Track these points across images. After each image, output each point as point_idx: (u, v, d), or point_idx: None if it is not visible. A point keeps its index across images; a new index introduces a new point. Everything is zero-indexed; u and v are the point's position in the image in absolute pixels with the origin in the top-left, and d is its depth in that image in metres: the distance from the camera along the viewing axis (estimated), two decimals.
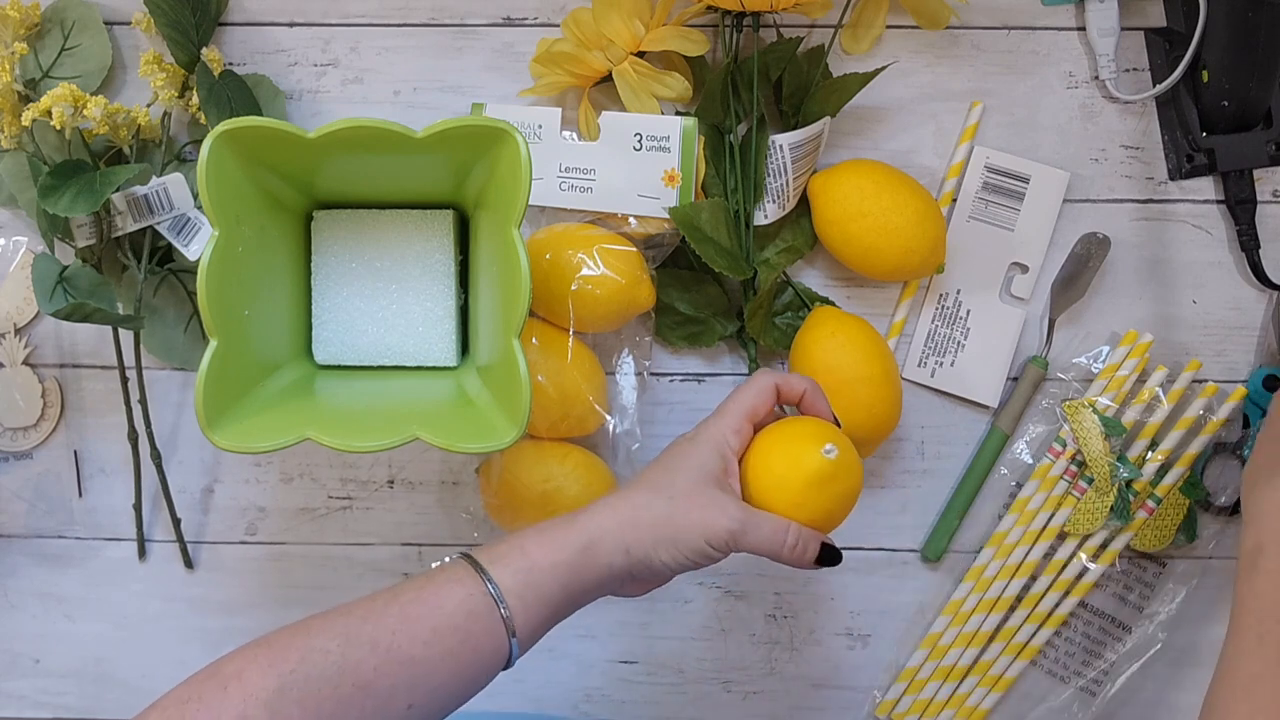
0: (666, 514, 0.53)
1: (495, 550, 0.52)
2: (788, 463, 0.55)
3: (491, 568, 0.51)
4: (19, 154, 0.70)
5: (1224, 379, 0.73)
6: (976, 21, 0.74)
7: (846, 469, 0.54)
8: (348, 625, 0.48)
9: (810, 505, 0.54)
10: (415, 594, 0.50)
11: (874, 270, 0.70)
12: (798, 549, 0.54)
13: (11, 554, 0.75)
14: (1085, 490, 0.71)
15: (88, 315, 0.63)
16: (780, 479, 0.55)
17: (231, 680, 0.46)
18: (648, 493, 0.54)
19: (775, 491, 0.55)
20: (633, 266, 0.69)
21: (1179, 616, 0.73)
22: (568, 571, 0.52)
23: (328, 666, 0.47)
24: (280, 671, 0.46)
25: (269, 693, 0.45)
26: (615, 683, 0.74)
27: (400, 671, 0.48)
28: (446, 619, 0.49)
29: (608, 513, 0.53)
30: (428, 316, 0.69)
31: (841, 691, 0.74)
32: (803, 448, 0.54)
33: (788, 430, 0.56)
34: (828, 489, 0.54)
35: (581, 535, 0.52)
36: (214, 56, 0.70)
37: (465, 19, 0.74)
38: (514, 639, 0.50)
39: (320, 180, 0.66)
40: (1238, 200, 0.72)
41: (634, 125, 0.70)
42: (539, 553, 0.52)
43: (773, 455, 0.56)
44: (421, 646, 0.48)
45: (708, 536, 0.53)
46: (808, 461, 0.54)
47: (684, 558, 0.53)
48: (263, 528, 0.74)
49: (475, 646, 0.50)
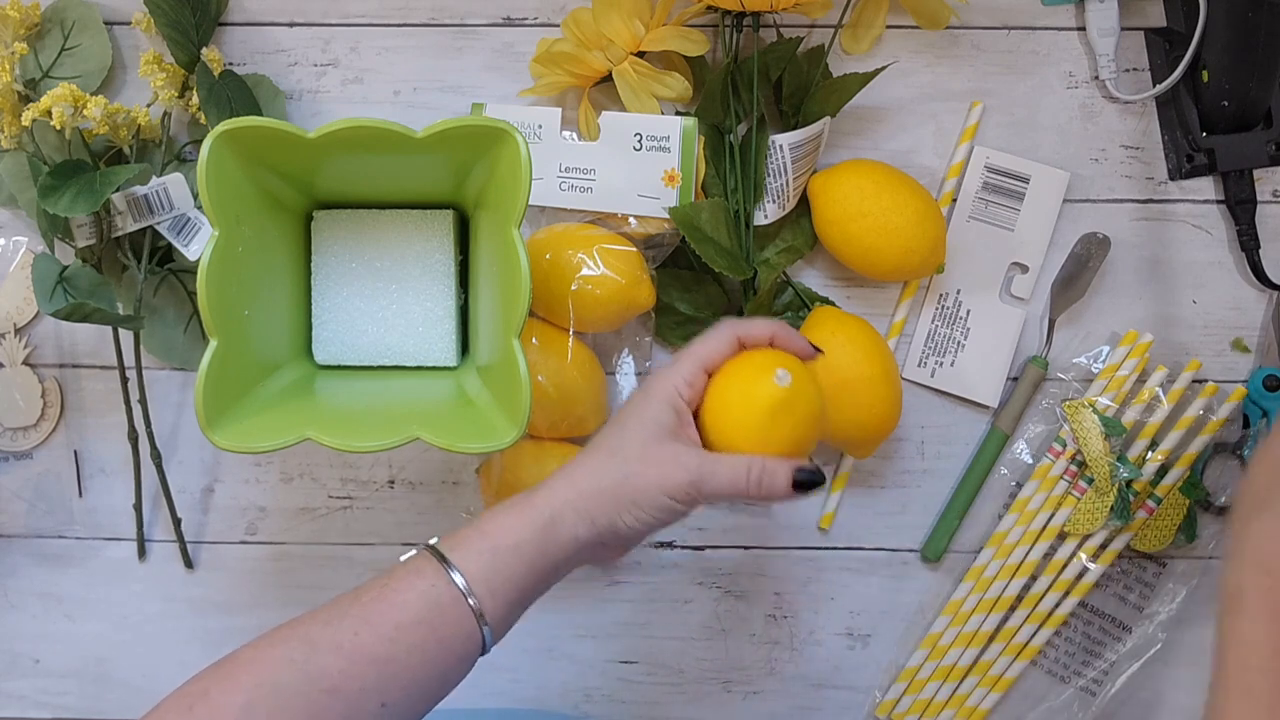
0: (623, 476, 0.52)
1: (456, 537, 0.51)
2: (742, 399, 0.53)
3: (453, 555, 0.50)
4: (19, 154, 0.70)
5: (1224, 379, 0.73)
6: (976, 21, 0.74)
7: (804, 394, 0.53)
8: (310, 631, 0.48)
9: (773, 437, 0.52)
10: (378, 592, 0.49)
11: (874, 270, 0.70)
12: (764, 481, 0.52)
13: (11, 554, 0.75)
14: (1085, 490, 0.71)
15: (88, 315, 0.63)
16: (738, 418, 0.53)
17: (198, 701, 0.46)
18: (603, 457, 0.53)
19: (735, 431, 0.53)
20: (633, 266, 0.69)
21: (1179, 616, 0.73)
22: (533, 550, 0.51)
23: (293, 675, 0.46)
24: (245, 686, 0.46)
25: (236, 709, 0.45)
26: (615, 683, 0.74)
27: (368, 671, 0.47)
28: (410, 614, 0.49)
29: (565, 485, 0.52)
30: (428, 316, 0.69)
31: (841, 691, 0.74)
32: (754, 381, 0.52)
33: (739, 366, 0.54)
34: (788, 417, 0.52)
35: (542, 512, 0.51)
36: (214, 56, 0.70)
37: (465, 19, 0.74)
38: (485, 625, 0.50)
39: (320, 180, 0.66)
40: (1238, 200, 0.72)
41: (634, 125, 0.70)
42: (500, 535, 0.51)
43: (728, 395, 0.53)
44: (387, 644, 0.48)
45: (668, 491, 0.51)
46: (761, 392, 0.52)
47: (649, 517, 0.52)
48: (263, 528, 0.74)
49: (442, 638, 0.49)
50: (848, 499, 0.74)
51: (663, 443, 0.52)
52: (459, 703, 0.74)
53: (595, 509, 0.52)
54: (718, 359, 0.55)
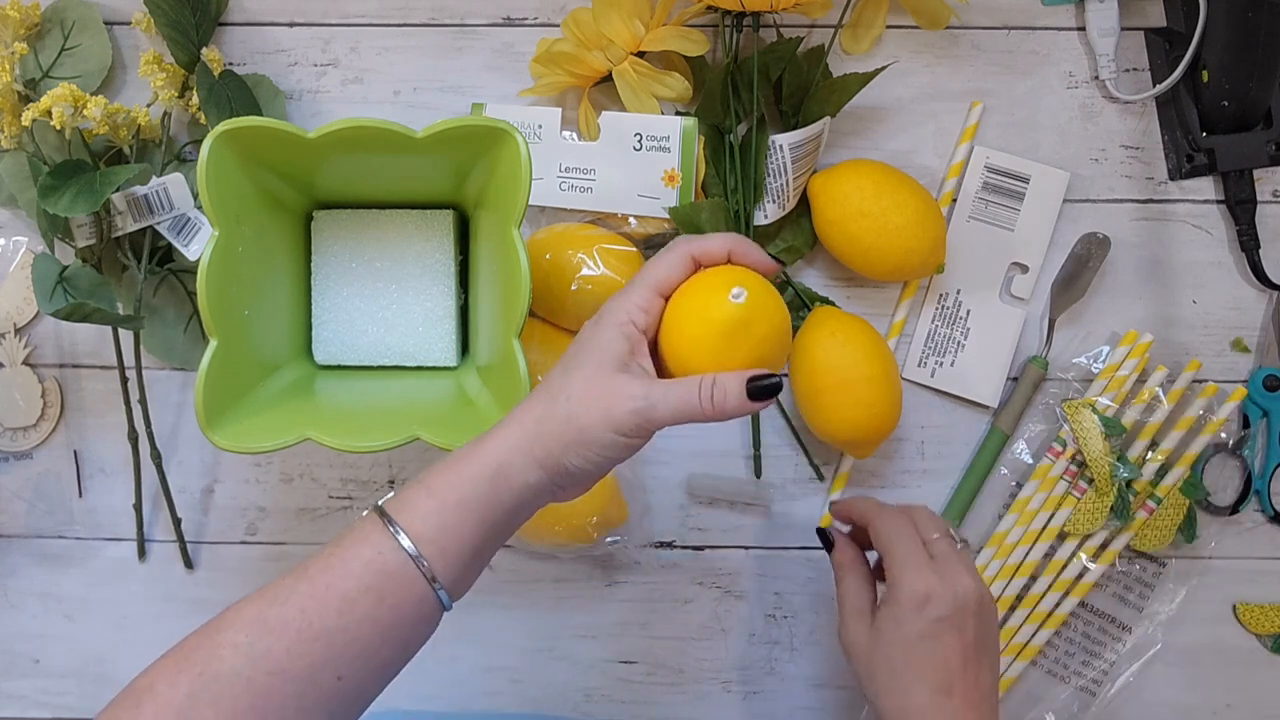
0: (566, 416, 0.49)
1: (402, 497, 0.49)
2: (697, 319, 0.50)
3: (400, 517, 0.48)
4: (19, 154, 0.70)
5: (1224, 379, 0.73)
6: (976, 21, 0.74)
7: (762, 308, 0.50)
8: (255, 612, 0.47)
9: (732, 356, 0.50)
10: (324, 564, 0.48)
11: (874, 270, 0.70)
12: (716, 397, 0.49)
13: (11, 554, 0.75)
14: (1085, 490, 0.71)
15: (88, 315, 0.63)
16: (694, 339, 0.50)
17: (144, 696, 0.45)
18: (546, 399, 0.50)
19: (692, 353, 0.50)
20: (633, 266, 0.69)
21: (1179, 616, 0.73)
22: (482, 505, 0.49)
23: (236, 661, 0.46)
24: (189, 677, 0.45)
25: (179, 701, 0.45)
26: (615, 683, 0.74)
27: (316, 649, 0.47)
28: (356, 583, 0.47)
29: (512, 430, 0.50)
30: (428, 316, 0.69)
31: (841, 691, 0.74)
32: (710, 300, 0.50)
33: (694, 286, 0.51)
34: (746, 335, 0.50)
35: (488, 463, 0.49)
36: (214, 56, 0.70)
37: (465, 19, 0.74)
38: (439, 588, 0.48)
39: (320, 180, 0.66)
40: (1238, 200, 0.72)
41: (634, 125, 0.70)
42: (446, 491, 0.49)
43: (683, 317, 0.51)
44: (335, 616, 0.47)
45: (614, 426, 0.49)
46: (716, 311, 0.49)
47: (598, 456, 0.49)
48: (263, 528, 0.74)
49: (394, 604, 0.48)
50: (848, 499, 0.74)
51: (608, 375, 0.49)
52: (458, 703, 0.74)
53: (542, 453, 0.49)
54: (673, 280, 0.52)
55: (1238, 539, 0.73)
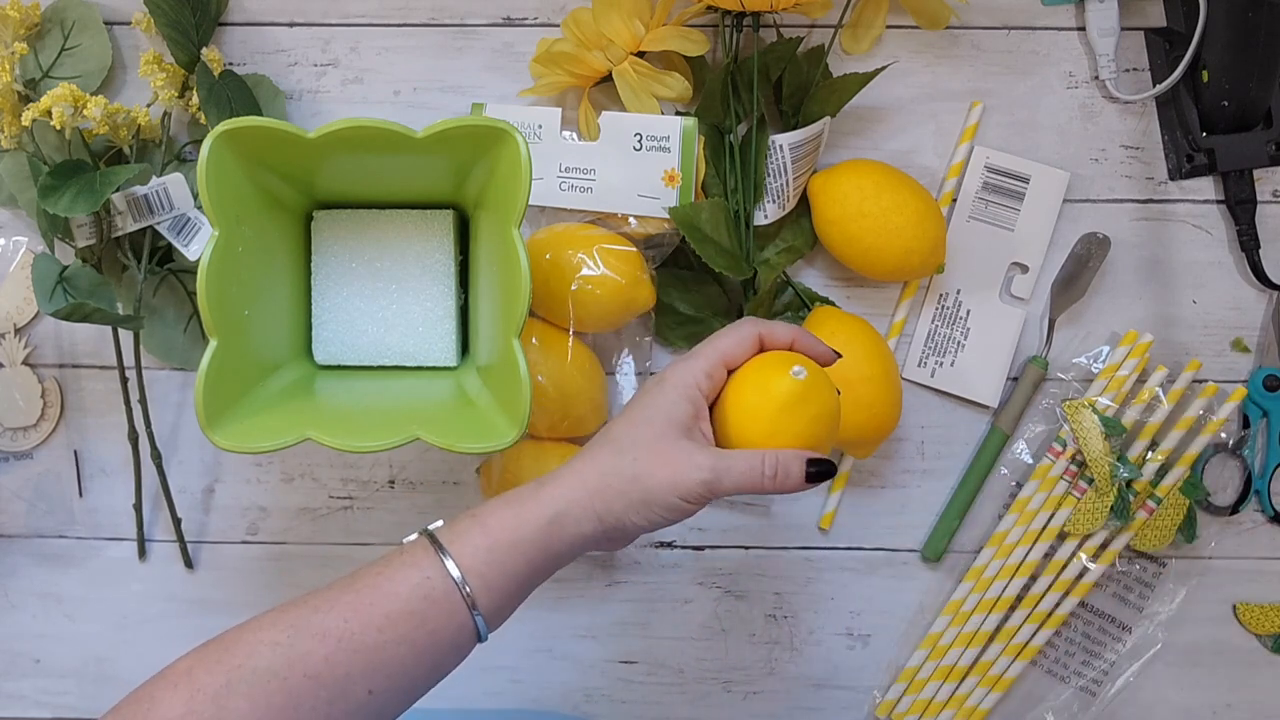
0: (633, 476, 0.51)
1: (456, 527, 0.51)
2: (758, 392, 0.53)
3: (452, 546, 0.50)
4: (19, 154, 0.70)
5: (1224, 379, 0.73)
6: (976, 21, 0.74)
7: (818, 390, 0.53)
8: (299, 616, 0.48)
9: (786, 431, 0.52)
10: (371, 580, 0.49)
11: (874, 270, 0.70)
12: (779, 475, 0.51)
13: (11, 554, 0.75)
14: (1085, 490, 0.71)
15: (88, 315, 0.63)
16: (752, 410, 0.53)
17: (181, 678, 0.46)
18: (613, 454, 0.52)
19: (749, 424, 0.53)
20: (633, 266, 0.69)
21: (1179, 616, 0.73)
22: (534, 548, 0.50)
23: (275, 659, 0.47)
24: (228, 667, 0.46)
25: (216, 687, 0.46)
26: (615, 683, 0.74)
27: (353, 660, 0.47)
28: (401, 604, 0.48)
29: (574, 480, 0.51)
30: (428, 316, 0.69)
31: (841, 691, 0.74)
32: (771, 374, 0.53)
33: (757, 363, 0.54)
34: (801, 411, 0.52)
35: (547, 509, 0.51)
36: (214, 56, 0.70)
37: (465, 19, 0.74)
38: (478, 616, 0.49)
39: (320, 180, 0.66)
40: (1238, 200, 0.72)
41: (634, 125, 0.70)
42: (500, 529, 0.50)
43: (744, 389, 0.54)
44: (375, 633, 0.48)
45: (680, 493, 0.51)
46: (776, 386, 0.52)
47: (659, 517, 0.51)
48: (264, 528, 0.74)
49: (433, 630, 0.49)
50: (848, 499, 0.74)
51: (676, 440, 0.52)
52: (458, 703, 0.74)
53: (603, 508, 0.51)
54: (739, 355, 0.54)
55: (1238, 539, 0.74)
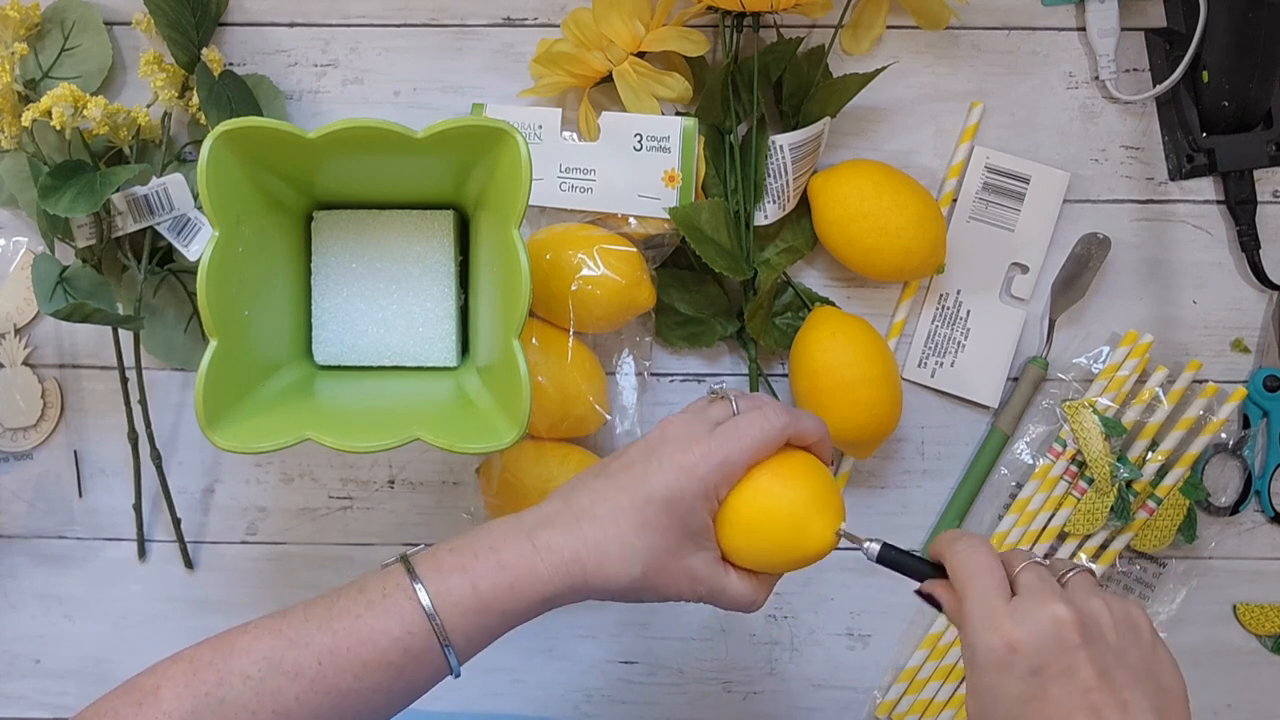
0: (637, 586, 0.51)
1: (445, 583, 0.49)
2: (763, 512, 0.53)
3: (439, 601, 0.48)
4: (19, 154, 0.70)
5: (1224, 379, 0.73)
6: (976, 21, 0.74)
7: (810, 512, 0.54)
8: (274, 648, 0.47)
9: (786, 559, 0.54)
10: (351, 621, 0.48)
11: (874, 271, 0.70)
12: (760, 607, 0.55)
13: (11, 554, 0.75)
14: (1085, 490, 0.71)
15: (88, 315, 0.63)
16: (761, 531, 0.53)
17: (148, 697, 0.46)
18: (621, 561, 0.50)
19: (756, 540, 0.53)
20: (633, 267, 0.69)
21: (1179, 617, 0.73)
22: (519, 617, 0.50)
23: (246, 692, 0.46)
24: (196, 694, 0.46)
25: (183, 712, 0.45)
26: (615, 683, 0.74)
27: (325, 701, 0.47)
28: (380, 655, 0.47)
29: (575, 570, 0.50)
30: (428, 317, 0.69)
31: (841, 691, 0.74)
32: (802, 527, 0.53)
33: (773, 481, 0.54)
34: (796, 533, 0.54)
35: (546, 588, 0.50)
36: (214, 57, 0.70)
37: (465, 19, 0.74)
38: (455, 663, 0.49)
39: (320, 180, 0.66)
40: (1238, 200, 0.72)
41: (634, 125, 0.70)
42: (494, 596, 0.49)
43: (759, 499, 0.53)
44: (350, 679, 0.47)
45: (674, 597, 0.53)
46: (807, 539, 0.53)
47: (643, 602, 0.53)
48: (263, 528, 0.74)
49: (409, 679, 0.48)
50: (848, 499, 0.74)
51: (684, 556, 0.52)
52: (458, 704, 0.74)
53: (597, 595, 0.51)
54: (765, 457, 0.53)
55: (1238, 539, 0.74)
